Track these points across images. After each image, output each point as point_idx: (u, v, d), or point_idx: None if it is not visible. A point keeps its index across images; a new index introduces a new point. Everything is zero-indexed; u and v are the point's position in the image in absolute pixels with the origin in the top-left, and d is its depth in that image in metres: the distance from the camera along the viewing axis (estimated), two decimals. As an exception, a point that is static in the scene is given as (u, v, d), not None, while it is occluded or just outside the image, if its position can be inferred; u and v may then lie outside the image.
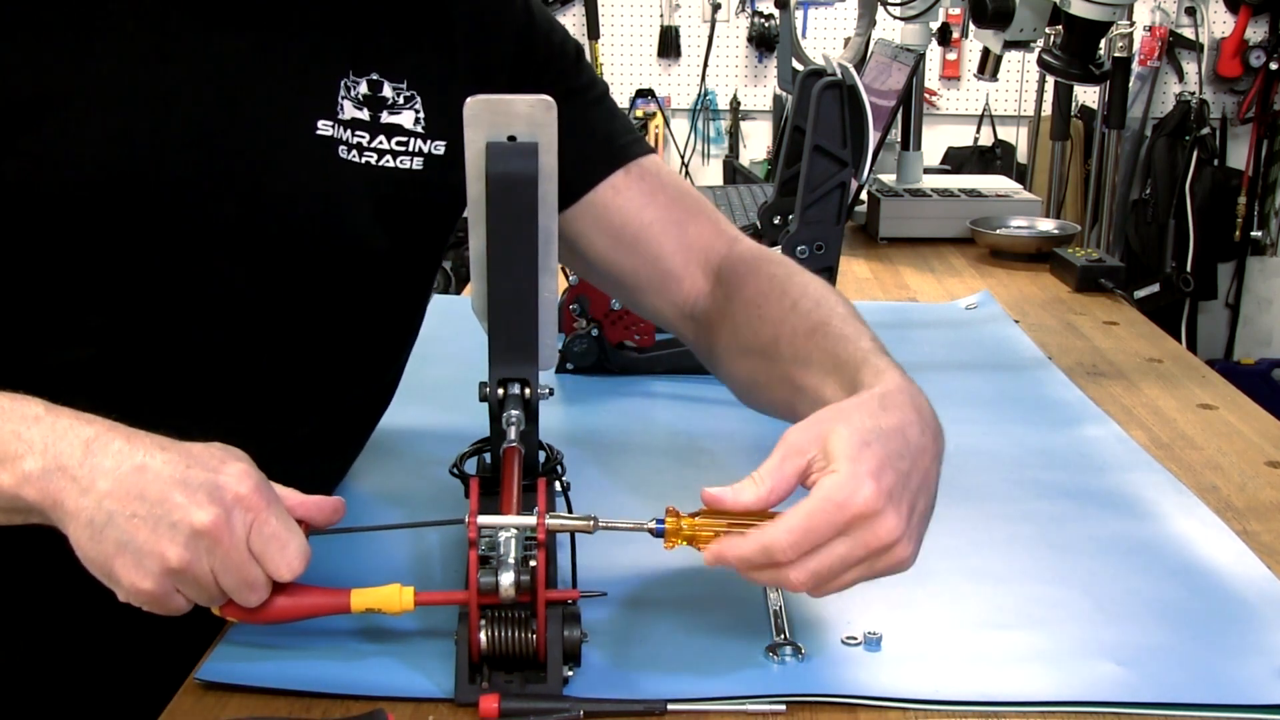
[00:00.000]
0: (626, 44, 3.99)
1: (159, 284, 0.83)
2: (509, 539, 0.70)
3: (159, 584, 0.67)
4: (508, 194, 0.77)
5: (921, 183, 2.10)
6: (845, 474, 0.67)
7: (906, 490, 0.69)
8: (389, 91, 0.87)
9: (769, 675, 0.73)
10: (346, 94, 0.85)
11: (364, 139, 0.86)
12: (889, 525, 0.67)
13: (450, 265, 3.47)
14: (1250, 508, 1.00)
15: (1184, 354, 1.43)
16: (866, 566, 0.68)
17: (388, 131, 0.87)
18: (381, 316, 0.95)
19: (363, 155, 0.86)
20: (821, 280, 0.92)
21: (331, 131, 0.85)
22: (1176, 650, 0.77)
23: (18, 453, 0.67)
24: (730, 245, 0.97)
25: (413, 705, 0.71)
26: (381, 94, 0.87)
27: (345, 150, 0.85)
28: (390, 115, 0.87)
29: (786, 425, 0.73)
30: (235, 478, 0.67)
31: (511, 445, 0.78)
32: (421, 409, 1.19)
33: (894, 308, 1.60)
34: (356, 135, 0.86)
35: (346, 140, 0.85)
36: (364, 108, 0.86)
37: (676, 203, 0.97)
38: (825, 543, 0.67)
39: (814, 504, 0.66)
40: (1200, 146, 3.69)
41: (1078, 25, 1.44)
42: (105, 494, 0.66)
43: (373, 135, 0.86)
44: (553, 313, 0.83)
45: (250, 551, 0.67)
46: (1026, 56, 2.24)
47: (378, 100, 0.86)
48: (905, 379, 0.77)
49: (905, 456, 0.69)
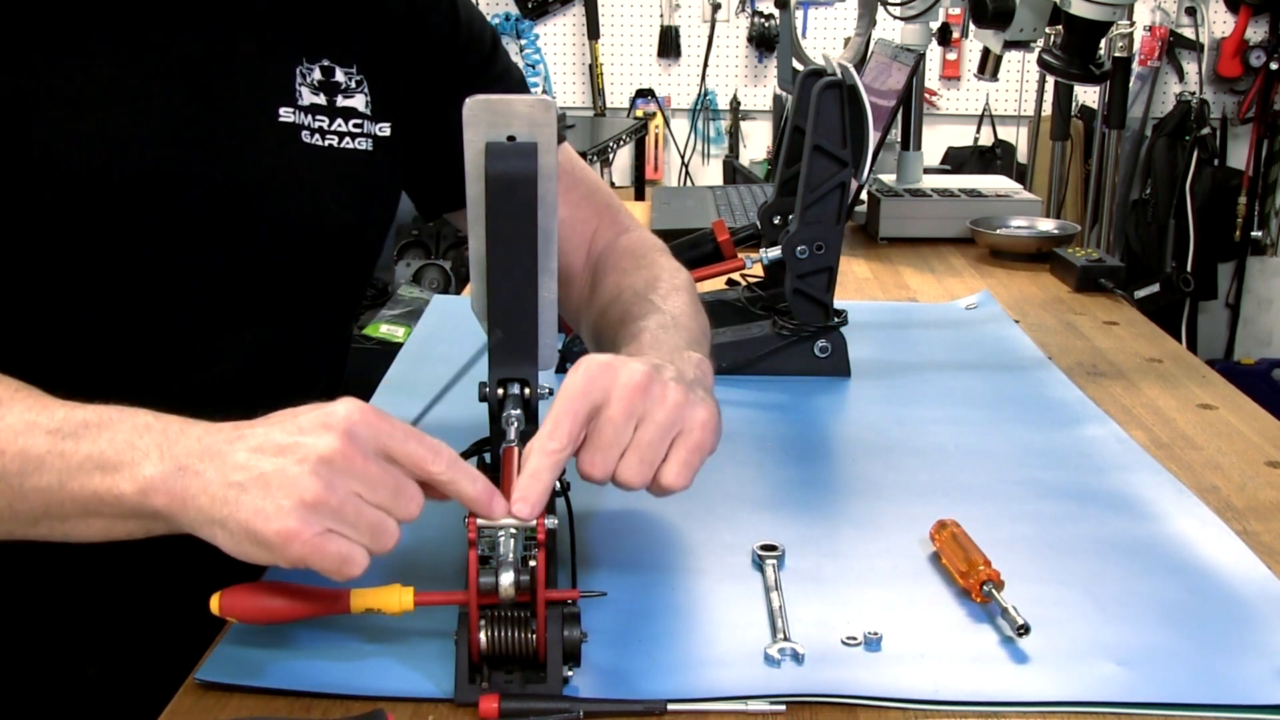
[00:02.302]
0: (626, 44, 4.00)
1: (139, 276, 0.85)
2: (509, 539, 0.70)
3: (305, 524, 0.64)
4: (507, 194, 0.77)
5: (921, 183, 2.10)
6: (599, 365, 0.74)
7: (683, 375, 0.77)
8: (341, 76, 0.91)
9: (769, 675, 0.73)
10: (303, 80, 0.89)
11: (324, 123, 0.90)
12: (678, 397, 0.73)
13: (450, 265, 3.47)
14: (1250, 508, 1.00)
15: (1184, 354, 1.43)
16: (665, 437, 0.73)
17: (343, 114, 0.91)
18: (339, 288, 1.00)
19: (324, 138, 0.90)
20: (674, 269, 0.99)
21: (293, 118, 0.89)
22: (1176, 650, 0.77)
23: (134, 460, 0.66)
24: (616, 236, 1.04)
25: (413, 705, 0.71)
26: (334, 79, 0.91)
27: (308, 135, 0.89)
28: (344, 99, 0.91)
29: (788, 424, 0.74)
30: (344, 406, 0.67)
31: (511, 445, 0.78)
32: (421, 409, 1.19)
33: (894, 308, 1.60)
34: (316, 119, 0.90)
35: (308, 125, 0.89)
36: (320, 93, 0.90)
37: (587, 199, 1.04)
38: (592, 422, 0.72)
39: (562, 394, 0.73)
40: (1200, 146, 3.70)
41: (1078, 25, 1.44)
42: (229, 472, 0.65)
43: (330, 119, 0.90)
44: (553, 313, 0.83)
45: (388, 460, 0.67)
46: (1026, 56, 2.24)
47: (331, 85, 0.91)
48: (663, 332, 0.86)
49: (676, 360, 0.79)
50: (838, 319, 1.30)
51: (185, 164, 0.85)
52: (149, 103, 0.83)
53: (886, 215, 1.97)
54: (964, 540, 0.86)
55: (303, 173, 0.90)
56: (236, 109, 0.87)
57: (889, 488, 1.02)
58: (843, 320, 1.31)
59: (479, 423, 0.85)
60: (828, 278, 1.29)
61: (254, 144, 0.87)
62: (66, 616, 0.89)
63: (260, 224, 0.88)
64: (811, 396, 1.25)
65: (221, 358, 0.90)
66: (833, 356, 1.30)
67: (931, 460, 1.08)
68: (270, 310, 0.92)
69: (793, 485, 1.04)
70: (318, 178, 0.90)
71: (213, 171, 0.86)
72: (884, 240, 1.96)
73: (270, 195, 0.88)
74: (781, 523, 0.95)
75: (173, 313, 0.87)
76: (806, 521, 0.96)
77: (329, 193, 0.91)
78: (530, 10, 3.95)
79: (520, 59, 4.00)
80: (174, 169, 0.84)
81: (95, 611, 0.90)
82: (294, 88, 0.89)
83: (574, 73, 4.00)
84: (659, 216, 2.04)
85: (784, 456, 1.10)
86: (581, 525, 0.90)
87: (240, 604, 0.70)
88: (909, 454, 1.10)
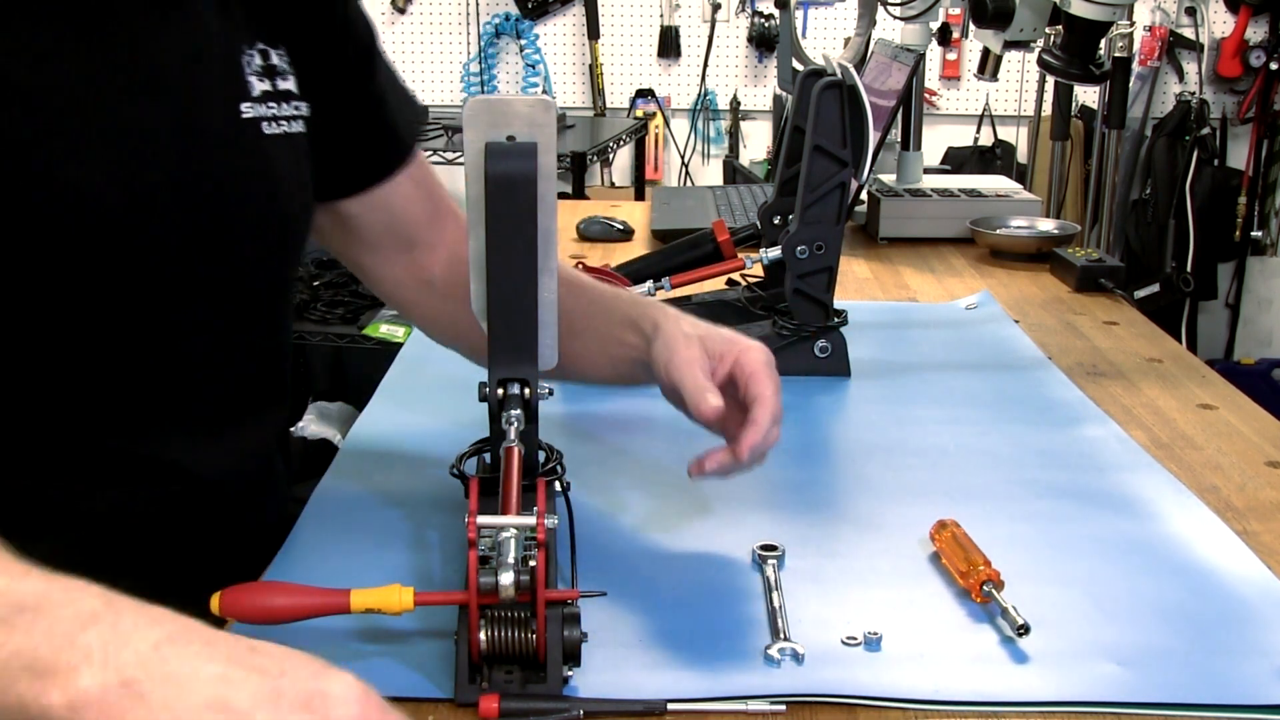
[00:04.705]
0: (626, 44, 3.99)
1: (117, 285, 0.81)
2: (509, 539, 0.70)
3: None
4: (507, 194, 0.78)
5: (921, 183, 2.10)
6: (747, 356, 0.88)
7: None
8: (275, 59, 0.90)
9: (769, 675, 0.73)
10: (249, 69, 0.88)
11: (274, 109, 0.89)
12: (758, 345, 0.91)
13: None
14: (1250, 508, 1.00)
15: (1184, 354, 1.43)
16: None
17: (286, 98, 0.90)
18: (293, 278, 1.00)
19: (278, 125, 0.89)
20: None
21: (253, 111, 0.87)
22: (1176, 650, 0.77)
23: (71, 664, 0.54)
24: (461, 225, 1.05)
25: (413, 705, 0.71)
26: (271, 62, 0.89)
27: (267, 125, 0.88)
28: (282, 82, 0.90)
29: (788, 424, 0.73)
30: (342, 689, 0.55)
31: (511, 445, 0.78)
32: (421, 409, 1.19)
33: (894, 308, 1.60)
34: (268, 108, 0.88)
35: (266, 115, 0.88)
36: (264, 79, 0.89)
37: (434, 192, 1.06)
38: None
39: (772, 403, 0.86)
40: (1200, 146, 3.69)
41: (1078, 25, 1.44)
42: (187, 704, 0.53)
43: (278, 103, 0.89)
44: (553, 313, 0.83)
45: None
46: (1026, 56, 2.24)
47: (270, 69, 0.89)
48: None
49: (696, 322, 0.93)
50: (838, 319, 1.31)
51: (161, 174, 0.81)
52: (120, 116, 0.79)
53: (886, 215, 1.97)
54: (964, 540, 0.86)
55: (270, 166, 0.88)
56: (206, 112, 0.84)
57: (889, 488, 1.02)
58: (843, 320, 1.31)
59: (479, 423, 0.85)
60: (828, 278, 1.29)
61: (226, 146, 0.85)
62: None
63: (239, 224, 0.87)
64: (811, 396, 1.25)
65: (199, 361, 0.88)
66: (833, 356, 1.30)
67: (931, 460, 1.08)
68: (248, 310, 0.91)
69: (793, 485, 1.04)
70: (282, 168, 0.89)
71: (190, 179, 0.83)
72: (884, 240, 1.96)
73: (247, 194, 0.87)
74: (781, 523, 0.95)
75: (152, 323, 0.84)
76: (806, 521, 0.96)
77: (293, 181, 0.91)
78: (530, 10, 3.95)
79: (520, 59, 4.00)
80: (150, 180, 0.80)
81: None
82: (245, 79, 0.87)
83: (574, 73, 4.00)
84: (659, 216, 2.04)
85: (784, 456, 1.10)
86: (581, 525, 0.90)
87: (240, 604, 0.70)
88: (909, 454, 1.10)
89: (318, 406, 3.30)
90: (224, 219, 0.85)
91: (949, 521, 0.89)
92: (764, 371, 0.87)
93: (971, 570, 0.82)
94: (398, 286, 1.06)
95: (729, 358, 0.88)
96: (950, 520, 0.89)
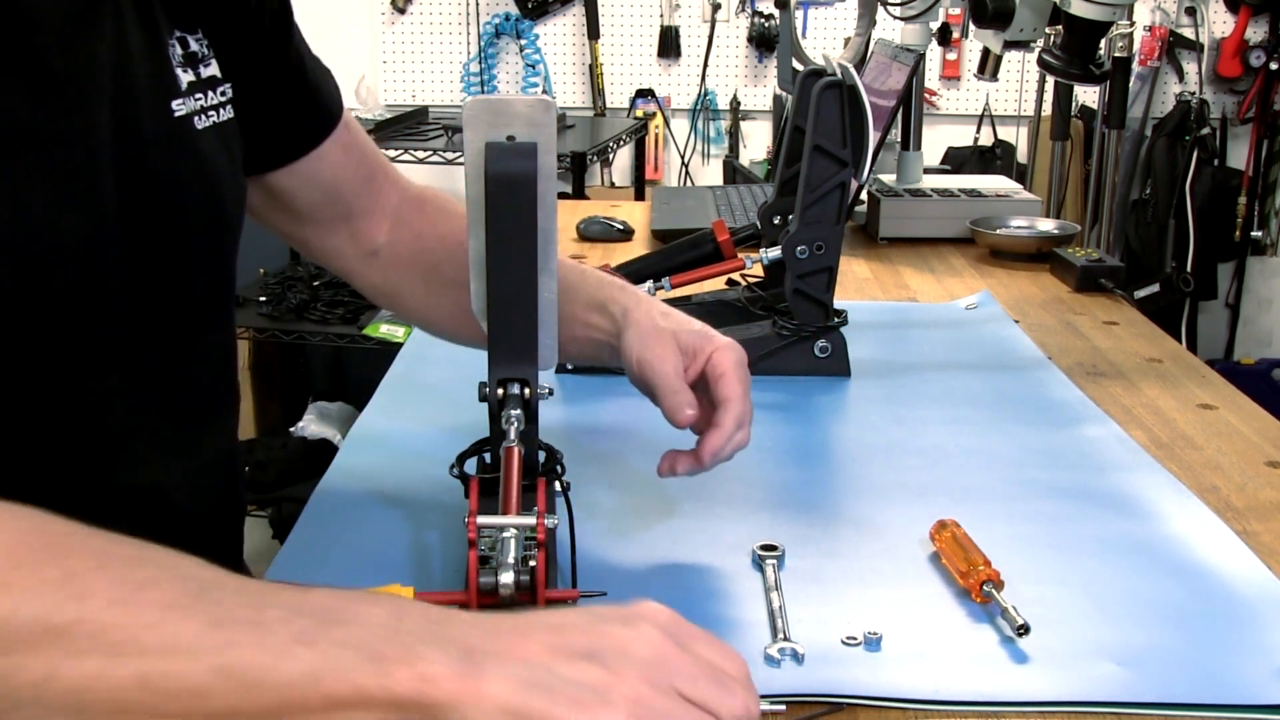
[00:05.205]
0: (626, 44, 3.99)
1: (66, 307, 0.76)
2: (509, 539, 0.70)
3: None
4: (507, 194, 0.78)
5: (921, 183, 2.10)
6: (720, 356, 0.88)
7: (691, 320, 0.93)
8: (195, 45, 0.86)
9: (769, 675, 0.73)
10: (174, 62, 0.83)
11: (202, 99, 0.85)
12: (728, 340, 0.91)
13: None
14: (1250, 508, 1.00)
15: (1184, 354, 1.43)
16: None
17: (211, 85, 0.86)
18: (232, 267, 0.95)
19: (206, 117, 0.85)
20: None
21: (184, 108, 0.83)
22: (1176, 650, 0.77)
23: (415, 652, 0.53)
24: (401, 191, 1.05)
25: (412, 705, 0.70)
26: (191, 49, 0.85)
27: (199, 119, 0.84)
28: (205, 68, 0.86)
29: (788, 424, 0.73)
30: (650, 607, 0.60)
31: (511, 445, 0.78)
32: (421, 409, 1.19)
33: (894, 308, 1.60)
34: (197, 100, 0.85)
35: (195, 109, 0.84)
36: (187, 68, 0.85)
37: (368, 156, 1.05)
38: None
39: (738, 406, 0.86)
40: (1200, 146, 3.69)
41: (1078, 25, 1.44)
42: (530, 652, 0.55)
43: (204, 93, 0.85)
44: (553, 313, 0.83)
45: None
46: (1026, 56, 2.24)
47: (191, 56, 0.85)
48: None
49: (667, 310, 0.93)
50: (838, 319, 1.31)
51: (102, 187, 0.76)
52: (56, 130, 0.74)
53: (886, 215, 1.97)
54: (964, 540, 0.86)
55: (205, 163, 0.85)
56: (139, 115, 0.79)
57: (889, 488, 1.02)
58: (843, 320, 1.31)
59: (478, 423, 0.85)
60: (828, 278, 1.29)
61: (161, 148, 0.81)
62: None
63: (182, 227, 0.83)
64: (811, 396, 1.25)
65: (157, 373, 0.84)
66: (833, 356, 1.30)
67: (931, 460, 1.08)
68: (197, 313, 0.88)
69: (793, 485, 1.04)
70: (219, 163, 0.86)
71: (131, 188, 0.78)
72: (884, 240, 1.96)
73: (188, 196, 0.83)
74: (781, 523, 0.95)
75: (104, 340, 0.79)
76: (806, 521, 0.96)
77: (226, 172, 0.88)
78: (530, 10, 3.94)
79: (520, 59, 4.00)
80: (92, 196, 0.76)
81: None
82: (173, 72, 0.83)
83: (574, 73, 4.00)
84: (659, 216, 2.04)
85: (784, 456, 1.10)
86: (581, 525, 0.90)
87: None
88: (909, 454, 1.10)
89: (318, 406, 3.30)
90: (166, 224, 0.82)
91: (949, 521, 0.89)
92: (734, 373, 0.87)
93: (971, 570, 0.82)
94: (340, 257, 1.06)
95: (701, 356, 0.88)
96: (950, 520, 0.89)
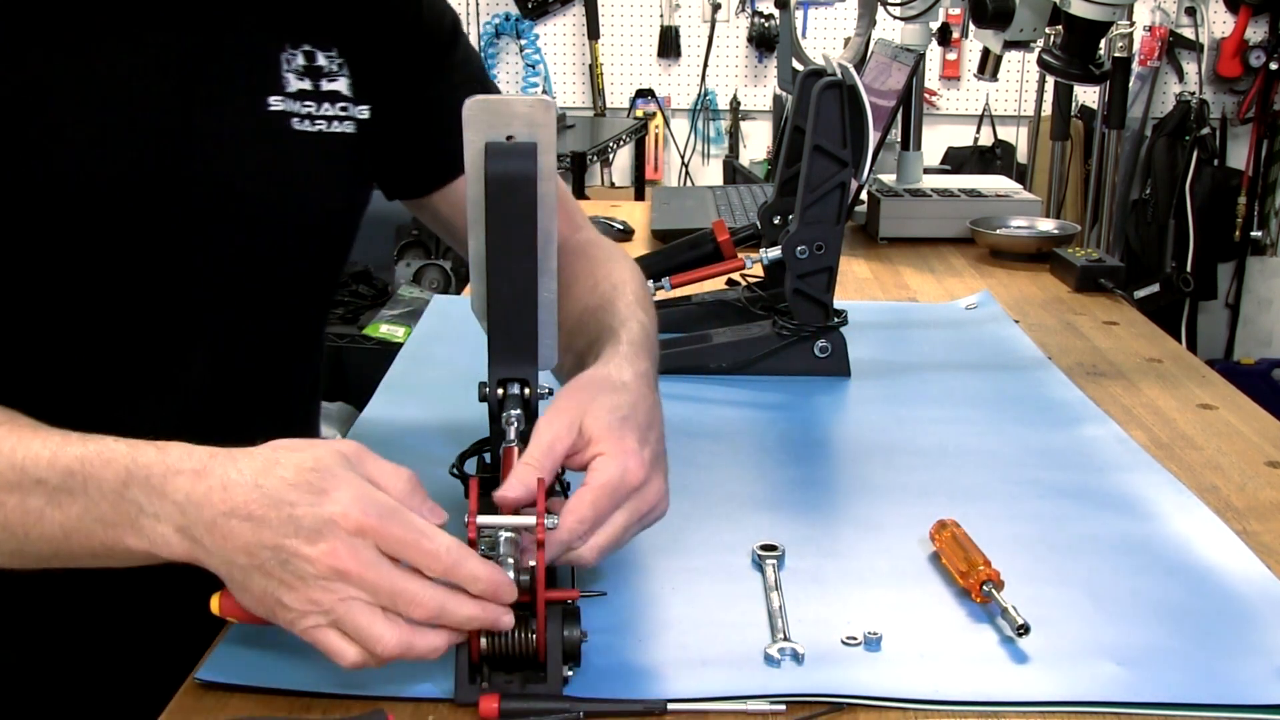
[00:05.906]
0: (626, 44, 4.00)
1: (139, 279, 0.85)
2: (509, 539, 0.70)
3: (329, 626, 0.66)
4: (507, 194, 0.77)
5: (921, 183, 2.10)
6: (613, 454, 0.73)
7: (659, 453, 0.77)
8: (322, 60, 0.91)
9: (769, 675, 0.73)
10: (288, 67, 0.90)
11: (311, 108, 0.90)
12: (656, 489, 0.75)
13: (450, 265, 3.46)
14: (1250, 508, 1.00)
15: (1184, 354, 1.43)
16: (639, 525, 0.75)
17: (330, 98, 0.91)
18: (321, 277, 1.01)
19: (313, 124, 0.91)
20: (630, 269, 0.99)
21: (282, 105, 0.89)
22: (1176, 650, 0.77)
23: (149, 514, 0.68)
24: (570, 234, 1.04)
25: (413, 705, 0.71)
26: (317, 63, 0.91)
27: (297, 121, 0.90)
28: (328, 83, 0.92)
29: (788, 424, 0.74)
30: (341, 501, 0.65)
31: (511, 445, 0.78)
32: (421, 409, 1.19)
33: (894, 308, 1.60)
34: (304, 105, 0.90)
35: (296, 112, 0.90)
36: (305, 78, 0.90)
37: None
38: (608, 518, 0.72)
39: (595, 491, 0.72)
40: (1200, 146, 3.69)
41: (1078, 25, 1.44)
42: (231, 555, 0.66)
43: (318, 103, 0.91)
44: (553, 313, 0.83)
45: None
46: (1026, 56, 2.24)
47: (315, 70, 0.91)
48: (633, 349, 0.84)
49: (652, 424, 0.78)
50: (838, 319, 1.30)
51: (178, 161, 0.85)
52: (143, 102, 0.83)
53: (886, 215, 1.97)
54: (964, 540, 0.86)
55: (294, 160, 0.90)
56: (228, 101, 0.87)
57: (889, 488, 1.02)
58: (843, 320, 1.31)
59: (478, 423, 0.85)
60: (828, 278, 1.29)
61: (246, 135, 0.88)
62: (67, 616, 0.89)
63: (254, 214, 0.89)
64: (811, 396, 1.25)
65: (208, 353, 0.90)
66: (833, 356, 1.30)
67: (931, 460, 1.08)
68: (259, 302, 0.93)
69: (793, 485, 1.04)
70: (307, 164, 0.91)
71: (206, 166, 0.86)
72: (884, 240, 1.96)
73: (264, 185, 0.89)
74: (781, 523, 0.95)
75: (163, 308, 0.87)
76: (806, 521, 0.96)
77: (318, 178, 0.92)
78: (530, 10, 3.95)
79: (520, 59, 4.00)
80: (167, 167, 0.84)
81: (95, 611, 0.90)
82: (280, 75, 0.89)
83: (574, 73, 4.00)
84: (659, 216, 2.04)
85: (784, 456, 1.10)
86: (581, 525, 0.90)
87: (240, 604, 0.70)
88: (909, 454, 1.10)
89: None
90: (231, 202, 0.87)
91: (949, 521, 0.89)
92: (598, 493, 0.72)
93: (971, 570, 0.82)
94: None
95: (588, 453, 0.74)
96: (950, 520, 0.89)
